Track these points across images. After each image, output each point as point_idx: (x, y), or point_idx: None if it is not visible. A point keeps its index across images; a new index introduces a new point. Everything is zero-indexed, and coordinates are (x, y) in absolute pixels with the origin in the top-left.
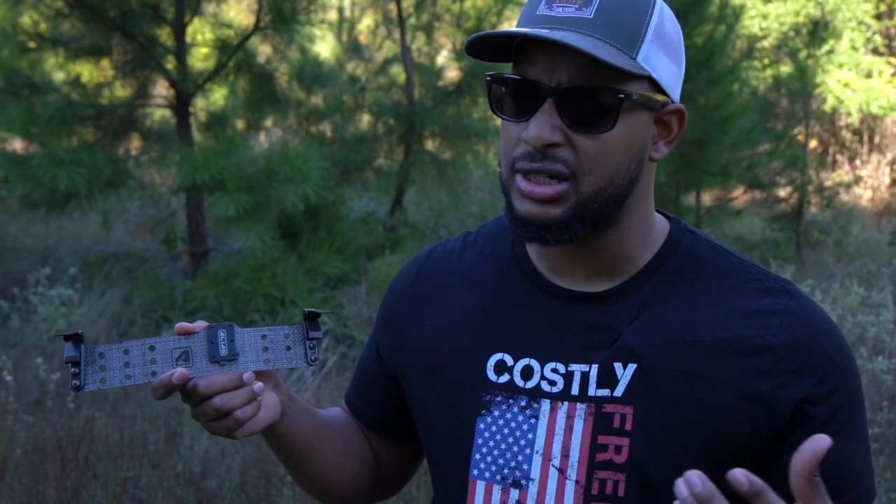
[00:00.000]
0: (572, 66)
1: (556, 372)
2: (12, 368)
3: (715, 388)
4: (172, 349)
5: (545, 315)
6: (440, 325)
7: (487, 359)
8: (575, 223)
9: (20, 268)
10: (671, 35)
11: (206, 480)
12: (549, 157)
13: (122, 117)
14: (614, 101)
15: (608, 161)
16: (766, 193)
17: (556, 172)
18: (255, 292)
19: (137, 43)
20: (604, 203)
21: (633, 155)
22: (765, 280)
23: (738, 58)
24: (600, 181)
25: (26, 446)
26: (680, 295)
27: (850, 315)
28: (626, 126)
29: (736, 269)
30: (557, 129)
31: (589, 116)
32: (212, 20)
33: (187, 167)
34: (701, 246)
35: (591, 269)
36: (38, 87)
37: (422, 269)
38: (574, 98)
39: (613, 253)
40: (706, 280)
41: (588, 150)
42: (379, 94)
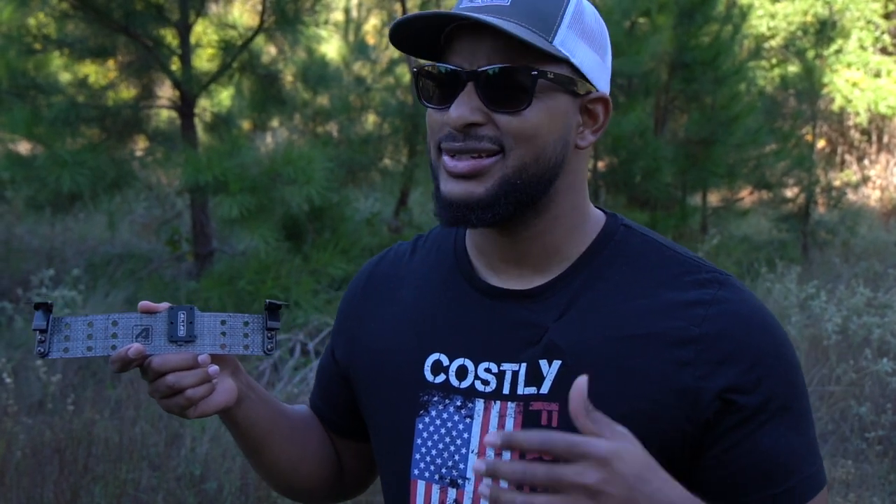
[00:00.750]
0: (490, 50)
1: (489, 371)
2: (12, 371)
3: (639, 383)
4: (134, 325)
5: (479, 315)
6: (384, 326)
7: (425, 359)
8: (499, 200)
9: (25, 269)
10: (592, 26)
11: (206, 483)
12: (471, 136)
13: (127, 118)
14: (528, 79)
15: (532, 137)
16: (773, 194)
17: (481, 149)
18: (260, 293)
19: (142, 44)
20: (528, 181)
21: (558, 135)
22: (697, 272)
23: (745, 57)
24: (526, 156)
25: (26, 448)
26: (609, 289)
27: (856, 316)
28: (546, 106)
29: (668, 261)
30: (477, 109)
31: (506, 95)
32: (216, 21)
33: (192, 168)
34: (635, 240)
35: (523, 264)
36: (43, 89)
37: (373, 273)
38: (492, 79)
39: (542, 244)
40: (637, 274)
41: (510, 126)
42: (384, 95)
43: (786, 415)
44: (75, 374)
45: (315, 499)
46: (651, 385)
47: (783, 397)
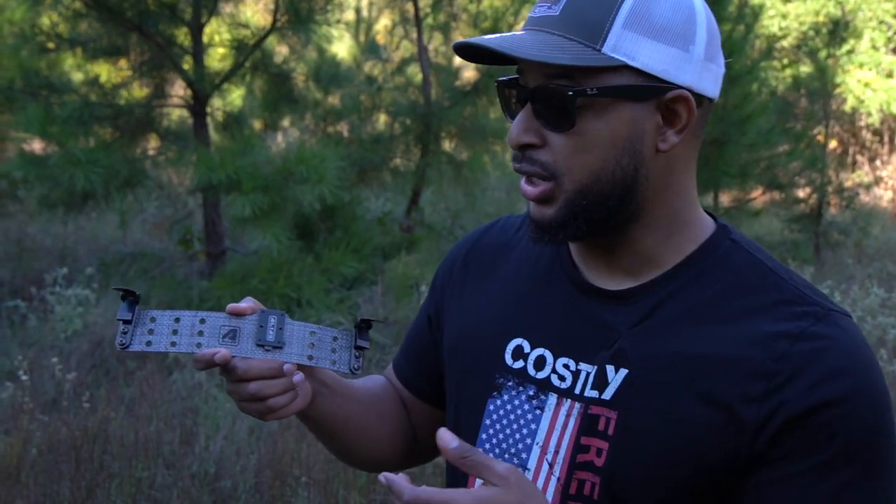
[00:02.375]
0: (538, 68)
1: (567, 368)
2: (28, 368)
3: (700, 408)
4: (221, 325)
5: (568, 307)
6: (478, 300)
7: (508, 341)
8: (569, 222)
9: (38, 268)
10: (665, 17)
11: (220, 481)
12: (526, 158)
13: (140, 117)
14: (566, 99)
15: (586, 158)
16: (785, 194)
17: (533, 174)
18: (272, 292)
19: (155, 43)
20: (595, 200)
21: (622, 147)
22: (797, 303)
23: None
24: (582, 179)
25: (42, 446)
26: (696, 304)
27: (870, 317)
28: (601, 120)
29: (769, 287)
30: (532, 130)
31: (554, 115)
32: (229, 20)
33: (204, 167)
34: (739, 257)
35: (615, 266)
36: (56, 88)
37: (478, 242)
38: (538, 98)
39: (633, 250)
40: (729, 293)
41: (563, 148)
42: (396, 95)
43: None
44: (89, 373)
45: (391, 468)
46: (712, 413)
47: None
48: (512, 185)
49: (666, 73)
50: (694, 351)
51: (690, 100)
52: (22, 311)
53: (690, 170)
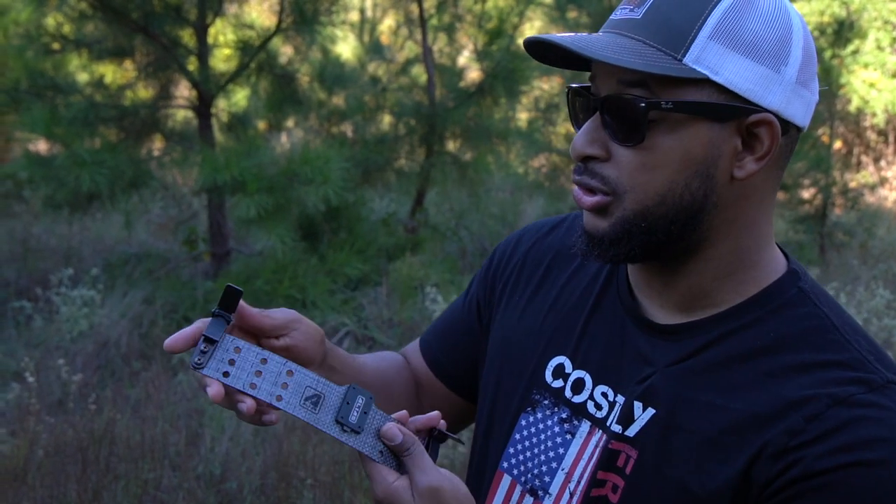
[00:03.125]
0: (612, 74)
1: (605, 397)
2: (34, 369)
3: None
4: (307, 386)
5: (615, 333)
6: (527, 306)
7: (551, 358)
8: (621, 241)
9: (43, 268)
10: (756, 32)
11: (226, 482)
12: (588, 171)
13: (145, 118)
14: (638, 111)
15: (653, 177)
16: (790, 195)
17: (593, 188)
18: (276, 293)
19: (160, 44)
20: (655, 223)
21: (693, 171)
22: (855, 368)
23: None
24: (645, 199)
25: (48, 447)
26: (744, 353)
27: (876, 318)
28: (674, 137)
29: (827, 346)
30: (598, 141)
31: (623, 127)
32: (234, 21)
33: (209, 168)
34: (803, 309)
35: (668, 297)
36: (61, 89)
37: (539, 242)
38: (608, 107)
39: (688, 284)
40: (784, 348)
41: (629, 164)
42: (400, 95)
43: None
44: (94, 374)
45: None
46: (731, 469)
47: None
48: (517, 185)
49: (751, 93)
50: (726, 403)
51: (776, 125)
52: (27, 311)
53: (767, 204)
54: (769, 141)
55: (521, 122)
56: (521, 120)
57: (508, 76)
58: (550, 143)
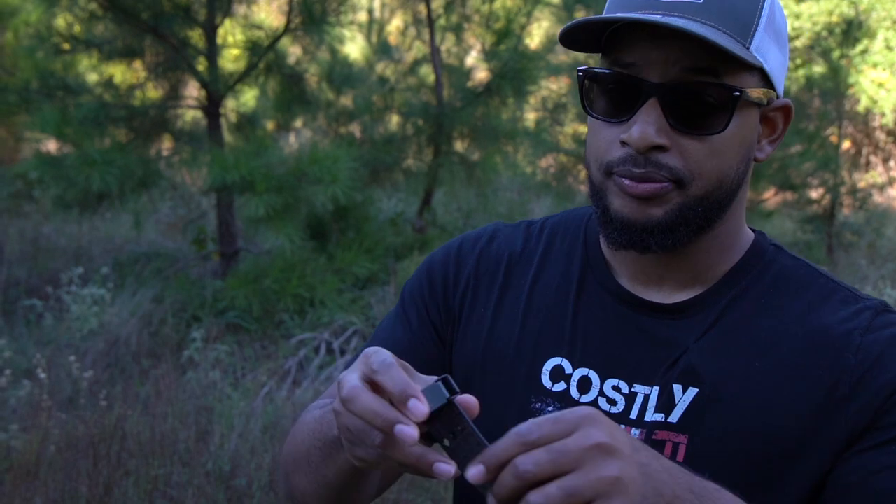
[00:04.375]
0: (683, 59)
1: (618, 390)
2: (46, 366)
3: (780, 420)
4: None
5: (612, 323)
6: (500, 316)
7: (544, 362)
8: (678, 227)
9: (53, 267)
10: (780, 23)
11: (235, 479)
12: (652, 162)
13: (154, 118)
14: (729, 100)
15: (718, 165)
16: (798, 195)
17: (659, 178)
18: (285, 292)
19: (169, 45)
20: (709, 207)
21: (743, 156)
22: (853, 301)
23: None
24: (708, 185)
25: (59, 443)
26: (756, 311)
27: None
28: (738, 125)
29: (822, 287)
30: (662, 131)
31: (699, 117)
32: (242, 22)
33: (218, 168)
34: (787, 261)
35: (667, 279)
36: (71, 89)
37: (484, 252)
38: (683, 96)
39: (694, 262)
40: (787, 297)
41: (696, 154)
42: (408, 95)
43: None
44: (104, 371)
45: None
46: (792, 422)
47: None
48: (524, 185)
49: (777, 81)
50: (764, 362)
51: (791, 109)
52: (38, 310)
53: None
54: (783, 124)
55: (529, 122)
56: (529, 120)
57: (516, 76)
58: (558, 143)
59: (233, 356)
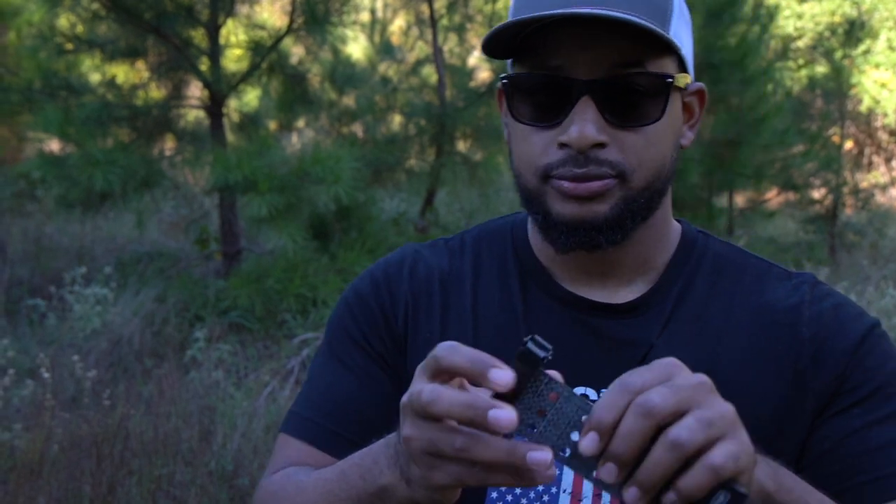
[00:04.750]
0: (611, 52)
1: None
2: (49, 366)
3: (751, 398)
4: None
5: (567, 330)
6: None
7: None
8: (625, 220)
9: (56, 267)
10: (685, 6)
11: (238, 478)
12: (592, 159)
13: (157, 118)
14: (662, 87)
15: (656, 154)
16: (801, 195)
17: (602, 175)
18: (287, 292)
19: (172, 44)
20: (651, 197)
21: (674, 143)
22: (786, 277)
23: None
24: (649, 176)
25: (63, 443)
26: (705, 299)
27: (886, 318)
28: (668, 111)
29: (755, 267)
30: (601, 127)
31: (635, 108)
32: (245, 22)
33: (220, 168)
34: (718, 246)
35: (610, 276)
36: (74, 89)
37: (414, 274)
38: (617, 90)
39: (635, 255)
40: (731, 281)
41: (635, 146)
42: (410, 95)
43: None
44: (107, 371)
45: None
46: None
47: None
48: None
49: (690, 65)
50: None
51: (705, 93)
52: (41, 309)
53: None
54: (700, 109)
55: None
56: None
57: None
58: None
59: (235, 356)
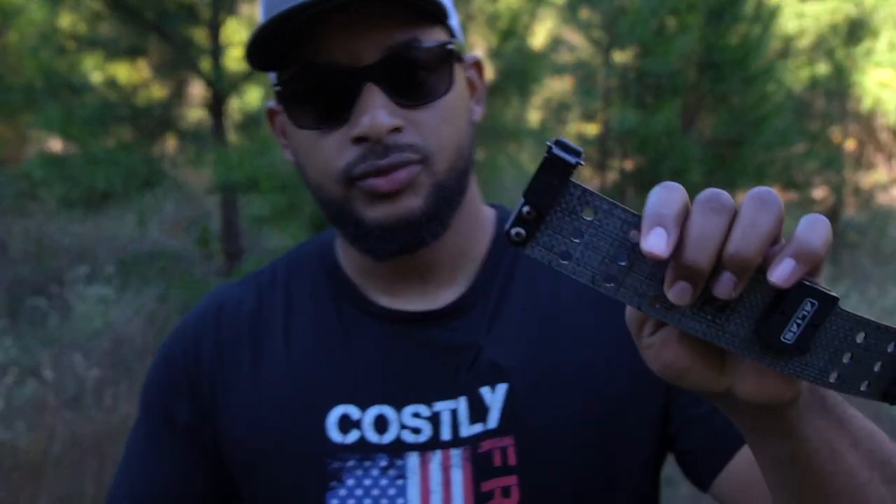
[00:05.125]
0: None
1: (419, 416)
2: (52, 365)
3: (601, 377)
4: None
5: (389, 347)
6: (259, 384)
7: (325, 416)
8: (441, 208)
9: (58, 266)
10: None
11: None
12: (392, 147)
13: (159, 118)
14: (445, 56)
15: (453, 131)
16: (802, 194)
17: (405, 163)
18: None
19: (173, 44)
20: (458, 178)
21: (468, 118)
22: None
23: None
24: (451, 155)
25: (65, 442)
26: (534, 284)
27: (888, 317)
28: (455, 83)
29: None
30: (392, 111)
31: (422, 85)
32: (247, 21)
33: (222, 167)
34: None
35: (428, 277)
36: (75, 88)
37: (219, 323)
38: (399, 70)
39: (450, 249)
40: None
41: (431, 124)
42: None
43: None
44: (110, 370)
45: None
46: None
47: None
48: None
49: (460, 36)
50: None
51: (481, 64)
52: (43, 309)
53: None
54: (481, 81)
55: (533, 122)
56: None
57: (520, 76)
58: None
59: None
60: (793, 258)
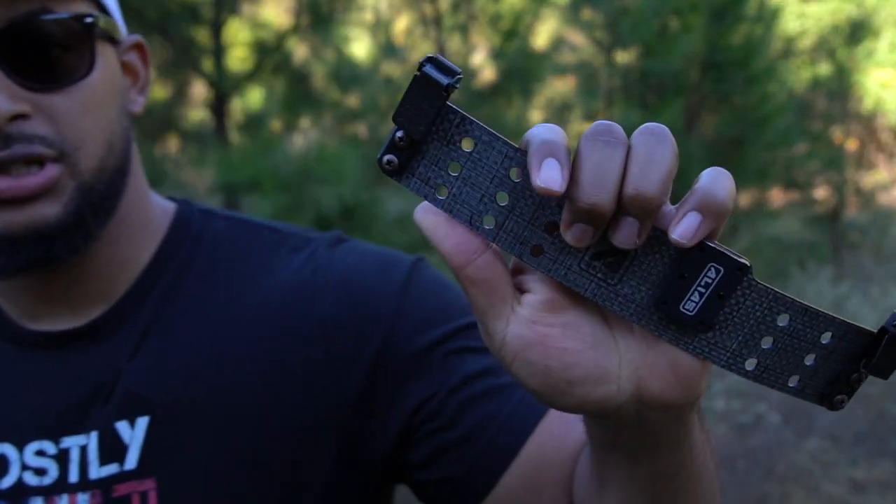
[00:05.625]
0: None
1: (44, 454)
2: None
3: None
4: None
5: (15, 375)
6: None
7: None
8: (85, 217)
9: None
10: None
11: None
12: (17, 136)
13: (160, 118)
14: (83, 30)
15: (99, 122)
16: (804, 194)
17: (35, 157)
18: None
19: (175, 44)
20: (110, 180)
21: (120, 108)
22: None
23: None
24: (98, 151)
25: None
26: (202, 295)
27: None
28: (102, 68)
29: (266, 241)
30: (14, 94)
31: (54, 66)
32: (249, 21)
33: (224, 167)
34: (219, 225)
35: (80, 292)
36: None
37: None
38: (23, 45)
39: (107, 260)
40: (233, 265)
41: (68, 113)
42: None
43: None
44: None
45: None
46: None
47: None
48: None
49: (115, 13)
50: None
51: (145, 47)
52: None
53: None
54: (144, 68)
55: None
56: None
57: (522, 76)
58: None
59: None
60: (697, 211)
